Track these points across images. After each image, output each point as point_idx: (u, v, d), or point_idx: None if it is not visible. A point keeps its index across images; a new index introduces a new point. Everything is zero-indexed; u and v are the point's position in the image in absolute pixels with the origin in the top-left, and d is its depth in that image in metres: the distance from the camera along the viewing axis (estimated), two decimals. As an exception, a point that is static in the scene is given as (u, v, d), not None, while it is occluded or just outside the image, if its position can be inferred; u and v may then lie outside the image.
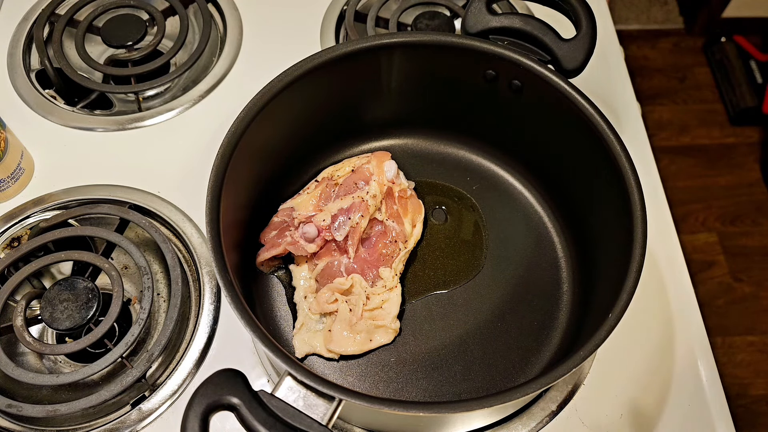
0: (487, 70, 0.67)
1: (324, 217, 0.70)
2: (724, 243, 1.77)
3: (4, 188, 0.78)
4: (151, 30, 0.95)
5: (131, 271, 0.78)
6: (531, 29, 0.64)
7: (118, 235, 0.73)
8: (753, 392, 1.55)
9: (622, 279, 0.53)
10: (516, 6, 0.95)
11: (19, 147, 0.79)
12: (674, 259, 0.77)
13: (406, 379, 0.66)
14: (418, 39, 0.67)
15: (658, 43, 2.16)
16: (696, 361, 0.71)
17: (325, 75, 0.66)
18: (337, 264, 0.70)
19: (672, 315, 0.73)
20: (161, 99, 0.91)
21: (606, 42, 0.94)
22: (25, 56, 0.92)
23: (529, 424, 0.67)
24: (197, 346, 0.70)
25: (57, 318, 0.67)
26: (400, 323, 0.69)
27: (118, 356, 0.66)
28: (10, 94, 0.88)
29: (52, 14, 0.94)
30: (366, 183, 0.71)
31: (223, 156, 0.59)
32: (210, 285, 0.73)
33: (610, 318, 0.51)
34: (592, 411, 0.68)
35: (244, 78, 0.90)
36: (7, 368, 0.65)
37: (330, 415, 0.47)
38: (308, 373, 0.48)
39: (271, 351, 0.49)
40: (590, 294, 0.66)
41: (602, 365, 0.70)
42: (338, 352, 0.67)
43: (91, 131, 0.85)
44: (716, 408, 0.68)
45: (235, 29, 0.95)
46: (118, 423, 0.66)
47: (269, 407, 0.46)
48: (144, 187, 0.80)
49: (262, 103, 0.62)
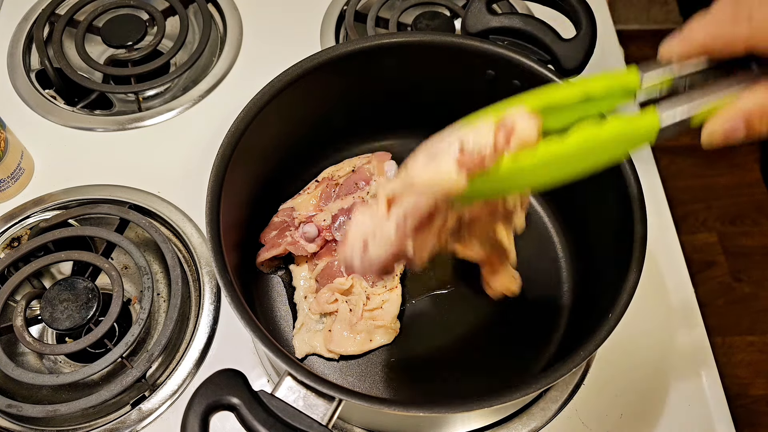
0: (487, 70, 0.67)
1: (324, 217, 0.70)
2: (724, 243, 1.76)
3: (4, 188, 0.78)
4: (151, 30, 0.95)
5: (131, 271, 0.78)
6: (531, 29, 0.64)
7: (118, 235, 0.73)
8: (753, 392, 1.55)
9: (623, 279, 0.53)
10: (516, 6, 0.95)
11: (19, 147, 0.79)
12: (674, 258, 0.77)
13: (405, 379, 0.66)
14: (418, 39, 0.67)
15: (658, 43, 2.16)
16: (696, 361, 0.71)
17: (325, 75, 0.66)
18: (337, 264, 0.70)
19: (672, 315, 0.73)
20: (161, 99, 0.91)
21: (606, 42, 0.94)
22: (25, 56, 0.92)
23: (529, 424, 0.66)
24: (197, 346, 0.70)
25: (57, 318, 0.67)
26: (400, 323, 0.69)
27: (118, 356, 0.66)
28: (10, 94, 0.88)
29: (52, 14, 0.94)
30: (367, 183, 0.71)
31: (223, 156, 0.59)
32: (210, 285, 0.73)
33: (610, 318, 0.51)
34: (592, 411, 0.68)
35: (244, 78, 0.90)
36: (7, 368, 0.65)
37: (330, 415, 0.47)
38: (308, 373, 0.48)
39: (271, 351, 0.49)
40: (590, 294, 0.66)
41: (602, 365, 0.70)
42: (338, 352, 0.66)
43: (91, 131, 0.85)
44: (716, 408, 0.68)
45: (235, 29, 0.95)
46: (118, 423, 0.66)
47: (269, 407, 0.46)
48: (144, 187, 0.80)
49: (262, 103, 0.62)
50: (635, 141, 0.43)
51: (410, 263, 0.51)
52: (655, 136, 0.42)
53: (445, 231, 0.51)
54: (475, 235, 0.56)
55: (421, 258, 0.51)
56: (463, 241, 0.57)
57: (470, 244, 0.58)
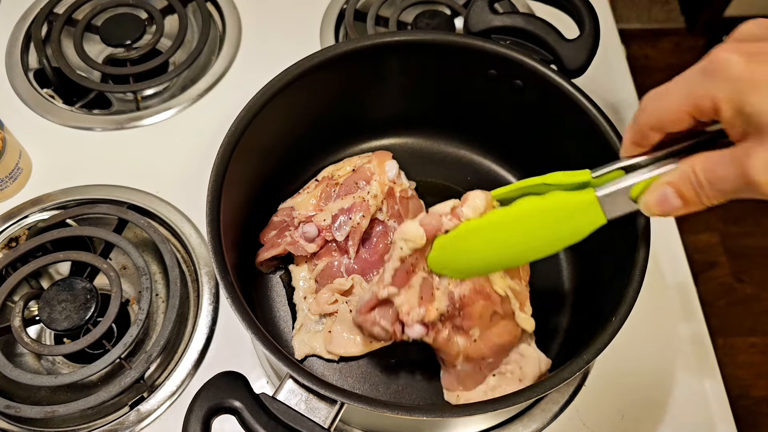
0: (489, 69, 0.66)
1: (324, 216, 0.69)
2: (726, 243, 1.76)
3: (2, 188, 0.77)
4: (150, 29, 0.94)
5: (130, 271, 0.77)
6: (534, 29, 0.64)
7: (116, 236, 0.72)
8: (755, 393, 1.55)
9: (626, 282, 0.53)
10: (517, 5, 0.94)
11: (17, 147, 0.79)
12: (676, 259, 0.76)
13: (406, 381, 0.66)
14: (420, 38, 0.66)
15: (659, 43, 2.16)
16: (697, 362, 0.70)
17: (325, 74, 0.66)
18: (337, 264, 0.69)
19: (674, 315, 0.73)
20: (160, 98, 0.91)
21: (608, 41, 0.94)
22: (24, 55, 0.91)
23: (530, 425, 0.66)
24: (196, 347, 0.69)
25: (55, 318, 0.67)
26: (400, 324, 0.68)
27: (117, 357, 0.65)
28: (8, 93, 0.87)
29: (51, 13, 0.94)
30: (367, 183, 0.71)
31: (223, 156, 0.59)
32: (209, 285, 0.73)
33: (614, 322, 0.51)
34: (593, 412, 0.67)
35: (243, 77, 0.90)
36: (5, 369, 0.65)
37: (332, 418, 0.47)
38: (310, 376, 0.47)
39: (272, 353, 0.49)
40: (592, 295, 0.66)
41: (604, 366, 0.70)
42: (339, 353, 0.66)
43: (90, 131, 0.85)
44: (718, 409, 0.68)
45: (234, 28, 0.94)
46: (116, 424, 0.66)
47: (271, 410, 0.45)
48: (142, 187, 0.79)
49: (262, 102, 0.62)
50: (575, 213, 0.47)
51: (403, 328, 0.57)
52: (595, 208, 0.47)
53: (434, 304, 0.57)
54: (474, 323, 0.59)
55: (411, 319, 0.56)
56: (462, 330, 0.60)
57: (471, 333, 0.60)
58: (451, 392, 0.63)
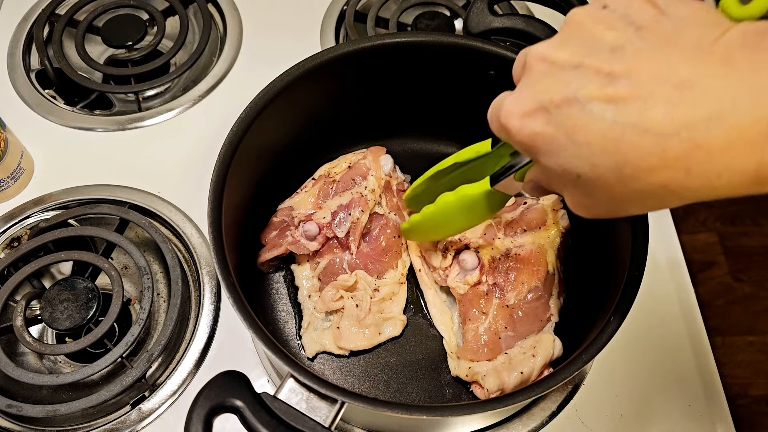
0: (488, 70, 0.67)
1: (324, 214, 0.70)
2: (724, 243, 1.76)
3: (4, 188, 0.78)
4: (151, 30, 0.95)
5: (131, 271, 0.78)
6: (533, 30, 0.64)
7: (118, 235, 0.73)
8: (753, 392, 1.55)
9: (624, 282, 0.53)
10: (517, 7, 0.95)
11: (19, 147, 0.79)
12: (674, 258, 0.77)
13: (406, 380, 0.66)
14: (420, 39, 0.67)
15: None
16: (696, 361, 0.71)
17: (325, 75, 0.66)
18: (339, 261, 0.70)
19: (672, 315, 0.73)
20: (161, 99, 0.91)
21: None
22: (25, 56, 0.92)
23: (529, 424, 0.67)
24: (197, 346, 0.70)
25: (57, 318, 0.67)
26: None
27: (118, 356, 0.66)
28: (10, 94, 0.88)
29: (52, 14, 0.94)
30: (363, 178, 0.71)
31: (225, 157, 0.59)
32: (210, 285, 0.73)
33: (612, 322, 0.51)
34: (592, 411, 0.68)
35: (244, 78, 0.90)
36: (7, 368, 0.65)
37: (333, 417, 0.47)
38: (311, 375, 0.48)
39: (274, 353, 0.49)
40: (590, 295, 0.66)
41: (602, 365, 0.70)
42: (349, 348, 0.67)
43: (91, 131, 0.85)
44: (716, 408, 0.68)
45: (235, 29, 0.95)
46: (118, 423, 0.66)
47: (272, 409, 0.46)
48: (144, 187, 0.80)
49: (264, 103, 0.62)
50: (482, 200, 0.56)
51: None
52: (495, 193, 0.54)
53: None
54: (516, 286, 0.65)
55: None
56: (501, 291, 0.66)
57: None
58: (459, 361, 0.64)
